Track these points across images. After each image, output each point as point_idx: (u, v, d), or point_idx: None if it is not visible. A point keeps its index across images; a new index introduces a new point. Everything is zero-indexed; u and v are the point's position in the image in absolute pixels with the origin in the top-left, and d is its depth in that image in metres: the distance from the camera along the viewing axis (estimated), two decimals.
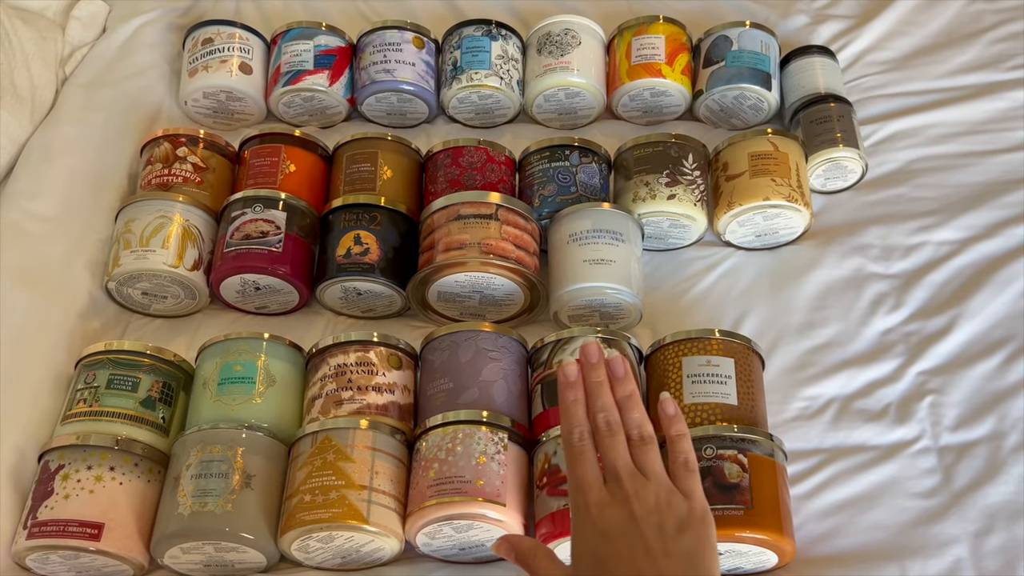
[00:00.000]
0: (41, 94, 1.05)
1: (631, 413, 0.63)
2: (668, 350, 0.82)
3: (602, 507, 0.59)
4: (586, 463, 0.61)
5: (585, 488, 0.60)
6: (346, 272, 0.88)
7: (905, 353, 0.89)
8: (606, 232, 0.89)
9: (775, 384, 0.87)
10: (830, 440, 0.84)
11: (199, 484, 0.73)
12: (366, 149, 0.97)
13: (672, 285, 0.95)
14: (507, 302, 0.90)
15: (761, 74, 1.03)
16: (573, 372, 0.64)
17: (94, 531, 0.72)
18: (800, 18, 1.16)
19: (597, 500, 0.59)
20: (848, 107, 1.02)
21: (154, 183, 0.96)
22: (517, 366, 0.83)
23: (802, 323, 0.91)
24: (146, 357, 0.82)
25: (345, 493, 0.72)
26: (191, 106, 1.07)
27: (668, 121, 1.09)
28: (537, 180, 0.95)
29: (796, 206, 0.93)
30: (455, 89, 1.04)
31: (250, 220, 0.90)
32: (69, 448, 0.75)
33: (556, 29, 1.05)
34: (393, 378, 0.82)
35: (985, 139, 1.05)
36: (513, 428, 0.76)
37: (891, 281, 0.94)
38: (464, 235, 0.86)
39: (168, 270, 0.89)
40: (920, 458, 0.83)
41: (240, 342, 0.82)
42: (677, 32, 1.06)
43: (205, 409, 0.80)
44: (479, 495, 0.72)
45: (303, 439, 0.77)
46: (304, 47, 1.05)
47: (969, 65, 1.12)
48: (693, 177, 0.94)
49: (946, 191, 1.01)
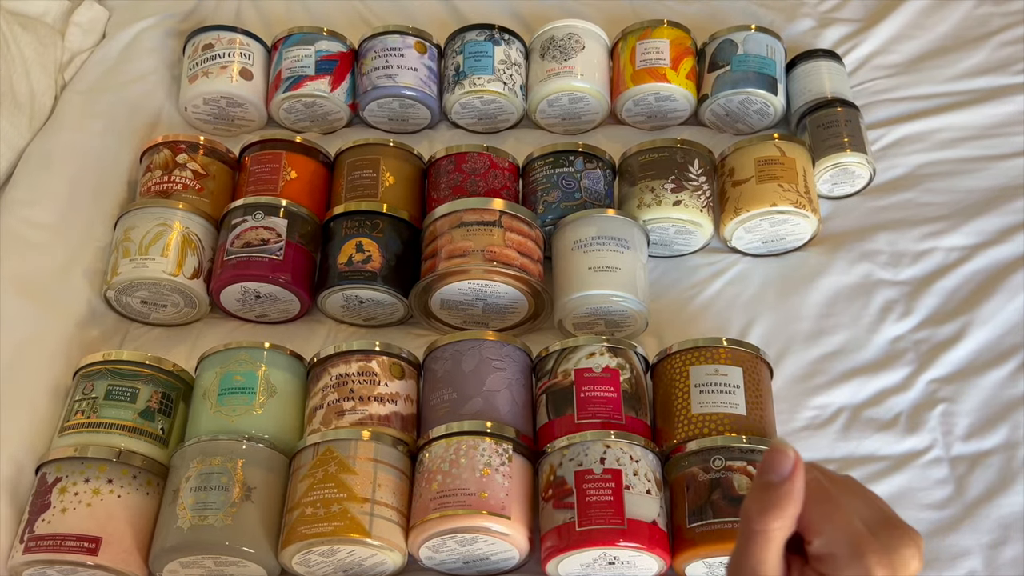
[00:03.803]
0: (40, 100, 1.04)
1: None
2: (675, 359, 0.81)
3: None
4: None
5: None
6: (348, 280, 0.87)
7: (915, 361, 0.88)
8: (611, 239, 0.88)
9: (784, 393, 0.86)
10: (840, 450, 0.83)
11: (199, 497, 0.72)
12: (368, 155, 0.96)
13: (678, 292, 0.94)
14: (511, 310, 0.89)
15: (767, 78, 1.02)
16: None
17: (92, 545, 0.71)
18: (806, 22, 1.15)
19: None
20: (855, 111, 1.01)
21: (154, 190, 0.95)
22: (522, 375, 0.82)
23: (810, 331, 0.90)
24: (145, 367, 0.81)
25: (347, 506, 0.71)
26: (191, 112, 1.06)
27: (673, 126, 1.08)
28: (541, 186, 0.94)
29: (804, 212, 0.92)
30: (458, 94, 1.03)
31: (251, 227, 0.89)
32: (67, 460, 0.74)
33: (560, 33, 1.04)
34: (396, 388, 0.80)
35: (994, 143, 1.04)
36: (518, 439, 0.75)
37: (900, 288, 0.93)
38: (467, 242, 0.85)
39: (167, 278, 0.88)
40: (932, 468, 0.81)
41: (240, 352, 0.81)
42: (682, 36, 1.05)
43: (205, 420, 0.79)
44: (483, 508, 0.71)
45: (304, 451, 0.76)
46: (305, 52, 1.04)
47: (977, 69, 1.11)
48: (699, 183, 0.93)
49: (955, 196, 1.00)
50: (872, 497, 0.41)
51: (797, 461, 0.39)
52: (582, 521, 0.71)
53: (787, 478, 0.39)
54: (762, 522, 0.39)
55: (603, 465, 0.73)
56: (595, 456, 0.73)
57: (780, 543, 0.40)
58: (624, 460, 0.73)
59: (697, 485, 0.73)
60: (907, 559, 0.39)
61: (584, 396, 0.78)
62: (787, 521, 0.39)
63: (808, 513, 0.40)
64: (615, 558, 0.72)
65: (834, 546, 0.39)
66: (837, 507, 0.40)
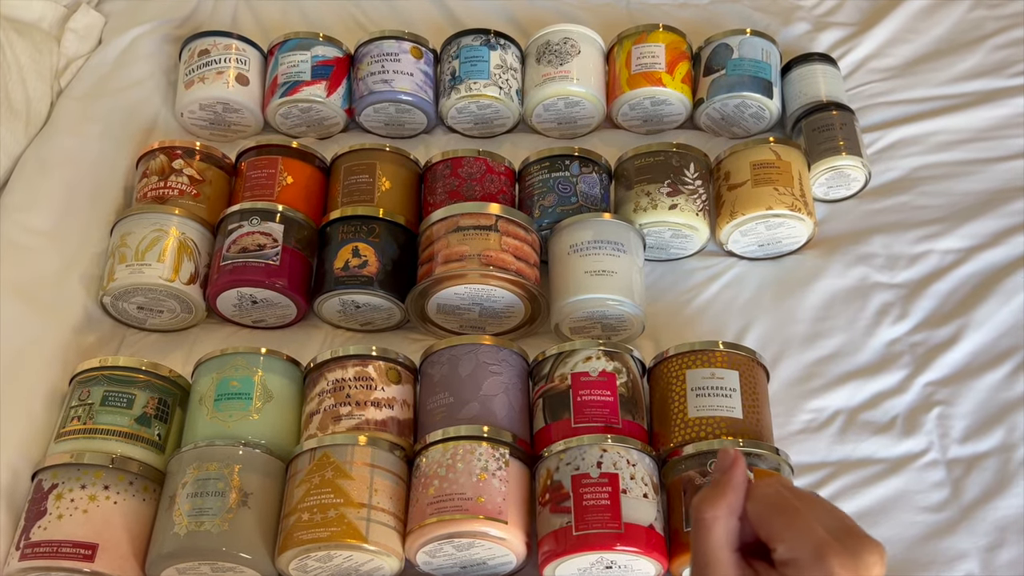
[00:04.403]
0: (36, 107, 1.04)
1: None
2: (671, 363, 0.81)
3: None
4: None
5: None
6: (344, 285, 0.87)
7: (911, 364, 0.88)
8: (607, 243, 0.88)
9: (780, 396, 0.86)
10: (837, 453, 0.83)
11: (195, 503, 0.72)
12: (364, 160, 0.96)
13: (674, 296, 0.94)
14: (507, 314, 0.89)
15: (762, 82, 1.02)
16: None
17: (88, 552, 0.71)
18: (801, 25, 1.15)
19: None
20: (850, 115, 1.01)
21: (150, 196, 0.95)
22: (518, 380, 0.82)
23: (807, 334, 0.90)
24: (141, 373, 0.81)
25: (344, 511, 0.71)
26: (187, 118, 1.06)
27: (669, 130, 1.08)
28: (537, 190, 0.94)
29: (799, 215, 0.92)
30: (454, 99, 1.03)
31: (247, 233, 0.89)
32: (63, 467, 0.74)
33: (555, 38, 1.04)
34: (392, 393, 0.80)
35: (988, 146, 1.04)
36: (515, 443, 0.75)
37: (896, 291, 0.93)
38: (464, 247, 0.85)
39: (164, 284, 0.87)
40: (928, 471, 0.81)
41: (237, 357, 0.81)
42: (677, 40, 1.05)
43: (201, 426, 0.79)
44: (480, 512, 0.71)
45: (301, 456, 0.76)
46: (301, 58, 1.04)
47: (971, 72, 1.11)
48: (695, 187, 0.93)
49: (950, 199, 1.00)
50: (835, 510, 0.43)
51: (737, 456, 0.45)
52: (579, 525, 0.71)
53: (726, 469, 0.44)
54: (700, 511, 0.44)
55: (600, 469, 0.73)
56: (592, 460, 0.73)
57: (722, 532, 0.44)
58: (621, 464, 0.73)
59: (694, 489, 0.73)
60: (870, 564, 0.41)
61: (581, 400, 0.78)
62: (724, 510, 0.44)
63: (771, 521, 0.43)
64: (612, 562, 0.72)
65: (797, 551, 0.41)
66: (799, 515, 0.42)
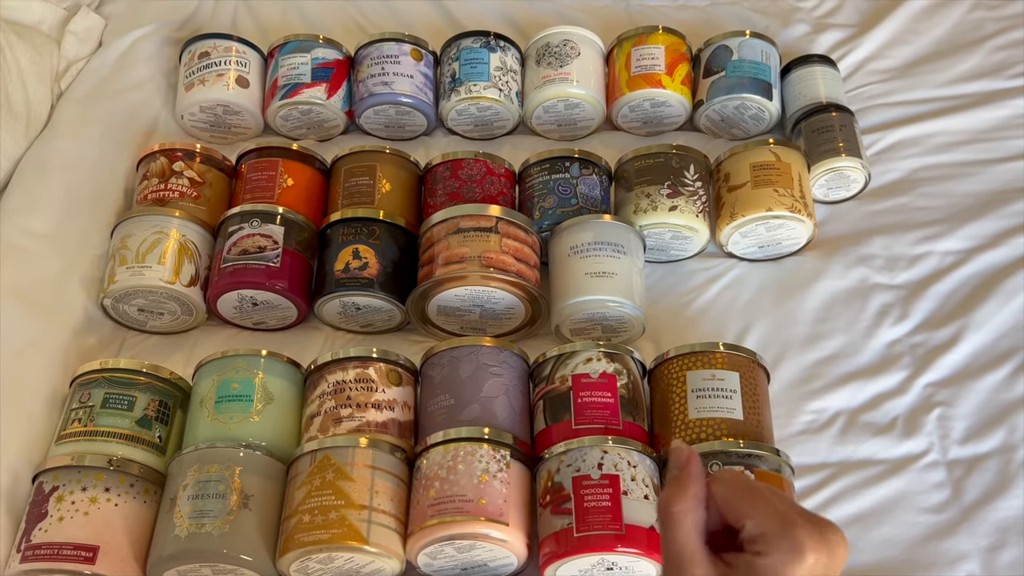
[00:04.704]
0: (36, 109, 1.04)
1: None
2: (672, 364, 0.81)
3: None
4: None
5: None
6: (345, 287, 0.87)
7: (912, 365, 0.88)
8: (607, 244, 0.88)
9: (780, 397, 0.86)
10: (837, 454, 0.83)
11: (196, 505, 0.72)
12: (364, 162, 0.96)
13: (675, 297, 0.94)
14: (508, 316, 0.89)
15: (762, 84, 1.02)
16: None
17: (89, 554, 0.71)
18: (800, 27, 1.15)
19: None
20: (850, 116, 1.01)
21: (150, 198, 0.95)
22: (519, 381, 0.82)
23: (807, 335, 0.90)
24: (142, 375, 0.81)
25: (345, 513, 0.71)
26: (187, 120, 1.06)
27: (668, 132, 1.08)
28: (537, 192, 0.95)
29: (799, 216, 0.92)
30: (454, 101, 1.03)
31: (247, 235, 0.89)
32: (63, 469, 0.74)
33: (555, 40, 1.04)
34: (393, 395, 0.80)
35: (988, 147, 1.05)
36: (515, 445, 0.75)
37: (896, 292, 0.93)
38: (464, 248, 0.85)
39: (164, 286, 0.88)
40: (929, 472, 0.81)
41: (237, 359, 0.81)
42: (677, 42, 1.06)
43: (202, 428, 0.79)
44: (481, 514, 0.71)
45: (302, 458, 0.76)
46: (302, 60, 1.04)
47: (971, 73, 1.11)
48: (695, 188, 0.93)
49: (950, 200, 1.00)
50: (797, 503, 0.45)
51: (691, 453, 0.47)
52: (580, 527, 0.71)
53: (683, 465, 0.46)
54: (669, 506, 0.45)
55: (601, 471, 0.73)
56: (593, 462, 0.73)
57: (691, 525, 0.45)
58: (622, 465, 0.73)
59: None
60: (834, 544, 0.42)
61: (581, 402, 0.78)
62: (691, 502, 0.45)
63: (738, 501, 0.44)
64: (613, 563, 0.72)
65: (764, 524, 0.43)
66: (763, 494, 0.44)
